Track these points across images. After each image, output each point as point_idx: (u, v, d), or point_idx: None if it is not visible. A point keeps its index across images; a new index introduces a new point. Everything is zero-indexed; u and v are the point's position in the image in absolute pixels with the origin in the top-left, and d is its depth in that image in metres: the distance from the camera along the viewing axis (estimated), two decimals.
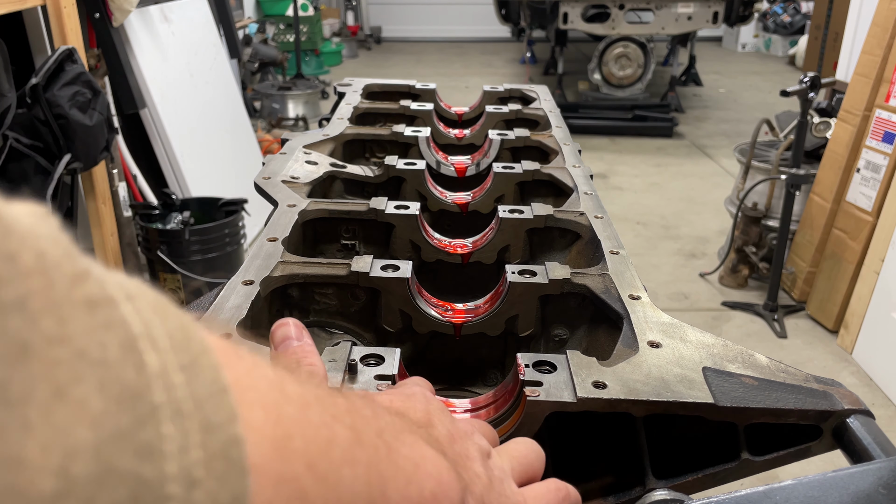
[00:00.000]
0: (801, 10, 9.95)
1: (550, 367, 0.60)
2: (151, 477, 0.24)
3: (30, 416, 0.21)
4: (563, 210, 0.93)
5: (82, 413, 0.22)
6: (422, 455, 0.43)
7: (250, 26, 7.15)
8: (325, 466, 0.33)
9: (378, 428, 0.41)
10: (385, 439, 0.40)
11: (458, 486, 0.44)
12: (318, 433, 0.34)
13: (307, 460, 0.32)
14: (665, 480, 0.60)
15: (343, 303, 0.80)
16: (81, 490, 0.22)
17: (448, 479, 0.44)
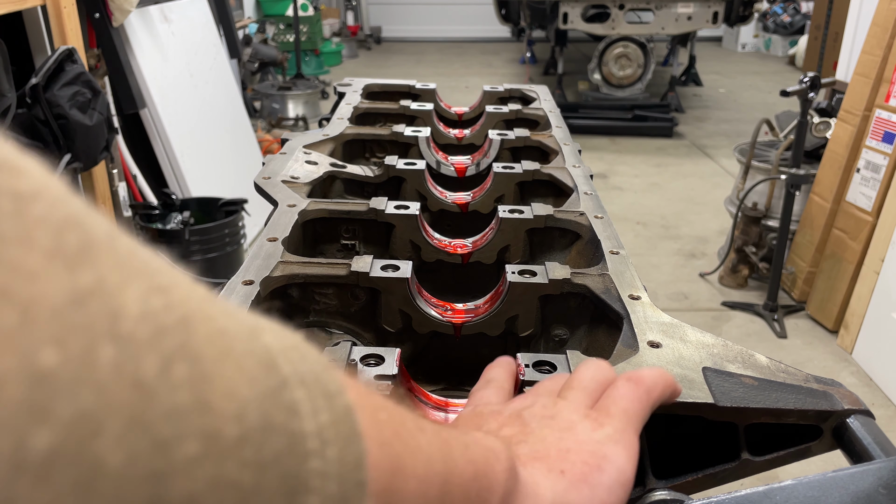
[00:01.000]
0: (801, 10, 9.96)
1: (550, 367, 0.60)
2: (297, 431, 0.28)
3: (210, 370, 0.26)
4: (563, 210, 0.93)
5: (241, 372, 0.27)
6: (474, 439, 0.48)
7: (250, 26, 7.15)
8: (405, 433, 0.40)
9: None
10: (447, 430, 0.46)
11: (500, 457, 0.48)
12: (392, 411, 0.41)
13: (393, 428, 0.39)
14: (665, 480, 0.60)
15: (343, 303, 0.80)
16: (254, 437, 0.26)
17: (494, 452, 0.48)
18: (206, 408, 0.25)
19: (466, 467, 0.45)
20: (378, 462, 0.35)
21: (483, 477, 0.46)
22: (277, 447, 0.27)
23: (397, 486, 0.38)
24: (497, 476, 0.47)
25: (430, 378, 0.85)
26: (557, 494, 0.49)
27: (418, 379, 0.84)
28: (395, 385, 0.59)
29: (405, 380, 0.63)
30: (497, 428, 0.54)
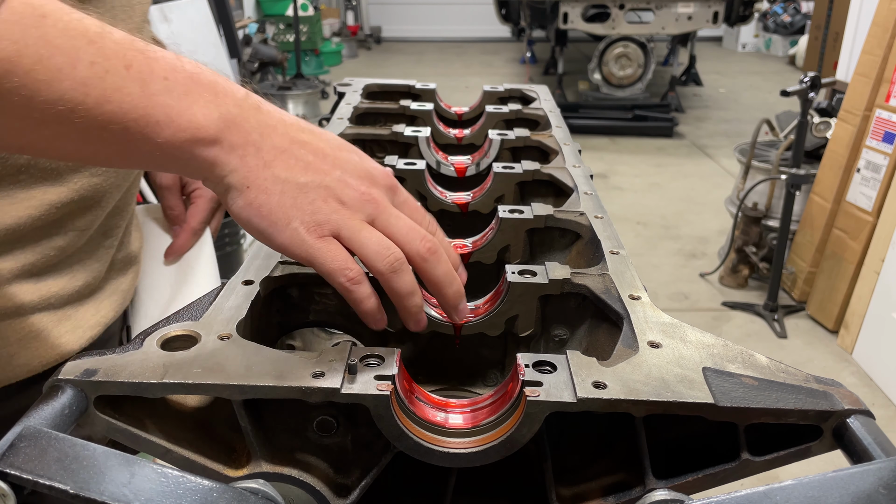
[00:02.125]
0: (801, 10, 9.95)
1: (550, 368, 0.60)
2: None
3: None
4: (563, 210, 0.93)
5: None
6: (180, 99, 0.57)
7: (250, 26, 7.15)
8: (53, 40, 0.51)
9: (146, 66, 0.56)
10: (143, 78, 0.56)
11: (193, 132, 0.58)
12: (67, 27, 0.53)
13: (42, 35, 0.51)
14: (665, 480, 0.60)
15: (343, 303, 0.79)
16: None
17: (191, 124, 0.58)
18: None
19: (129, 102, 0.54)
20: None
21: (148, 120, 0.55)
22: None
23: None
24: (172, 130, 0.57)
25: (431, 378, 0.85)
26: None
27: (418, 379, 0.84)
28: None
29: (405, 380, 0.63)
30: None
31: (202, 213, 1.10)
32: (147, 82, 0.56)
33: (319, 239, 0.62)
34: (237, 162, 0.61)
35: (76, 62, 0.53)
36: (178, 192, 1.12)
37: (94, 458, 0.45)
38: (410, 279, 0.66)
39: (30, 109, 0.52)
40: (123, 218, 0.95)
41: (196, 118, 0.58)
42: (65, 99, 0.52)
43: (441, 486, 0.66)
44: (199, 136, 0.58)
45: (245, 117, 0.61)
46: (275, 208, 0.61)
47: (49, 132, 0.54)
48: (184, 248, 1.09)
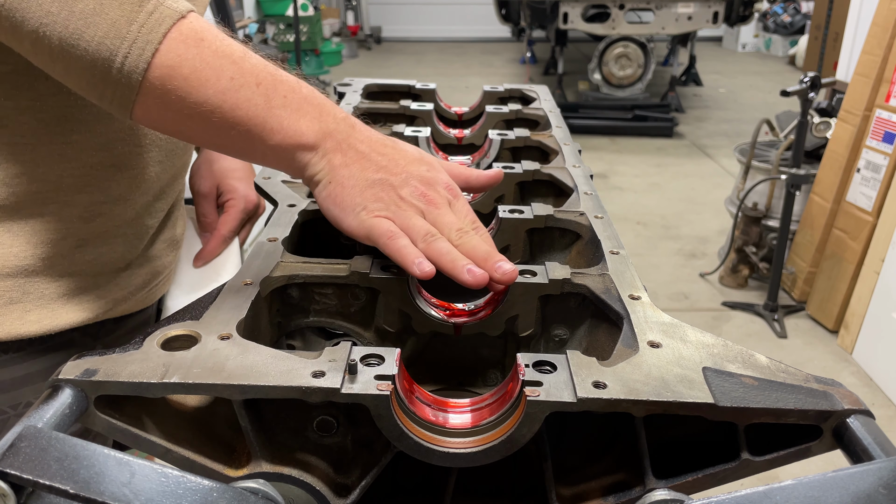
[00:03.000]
0: (801, 10, 9.95)
1: (550, 367, 0.60)
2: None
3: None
4: (563, 210, 0.93)
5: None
6: (291, 114, 0.74)
7: (250, 26, 7.15)
8: (210, 61, 0.69)
9: (273, 86, 0.73)
10: (268, 95, 0.72)
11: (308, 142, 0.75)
12: (223, 49, 0.71)
13: (201, 53, 0.69)
14: (665, 480, 0.60)
15: (343, 303, 0.80)
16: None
17: (295, 134, 0.74)
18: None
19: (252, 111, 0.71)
20: (167, 56, 0.67)
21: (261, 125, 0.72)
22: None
23: (177, 76, 0.68)
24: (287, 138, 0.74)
25: (430, 378, 0.85)
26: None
27: (418, 379, 0.84)
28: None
29: (405, 380, 0.63)
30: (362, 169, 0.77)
31: (233, 223, 1.19)
32: (270, 98, 0.72)
33: (375, 218, 0.74)
34: (325, 163, 0.76)
35: (220, 76, 0.69)
36: (214, 202, 1.21)
37: (94, 458, 0.45)
38: (445, 244, 0.74)
39: (182, 106, 0.69)
40: (166, 202, 1.03)
41: (301, 129, 0.74)
42: (208, 102, 0.69)
43: (441, 486, 0.66)
44: (301, 142, 0.74)
45: (339, 130, 0.77)
46: (346, 198, 0.75)
47: (194, 125, 0.71)
48: (213, 254, 1.17)
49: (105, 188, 0.89)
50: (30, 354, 0.89)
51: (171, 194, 1.03)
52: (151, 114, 0.70)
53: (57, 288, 0.88)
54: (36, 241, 0.85)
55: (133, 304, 0.99)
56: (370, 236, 0.74)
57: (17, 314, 0.86)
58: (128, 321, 1.01)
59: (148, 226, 0.99)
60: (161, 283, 1.05)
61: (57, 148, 0.84)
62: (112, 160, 0.89)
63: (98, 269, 0.92)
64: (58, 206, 0.86)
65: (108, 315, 0.95)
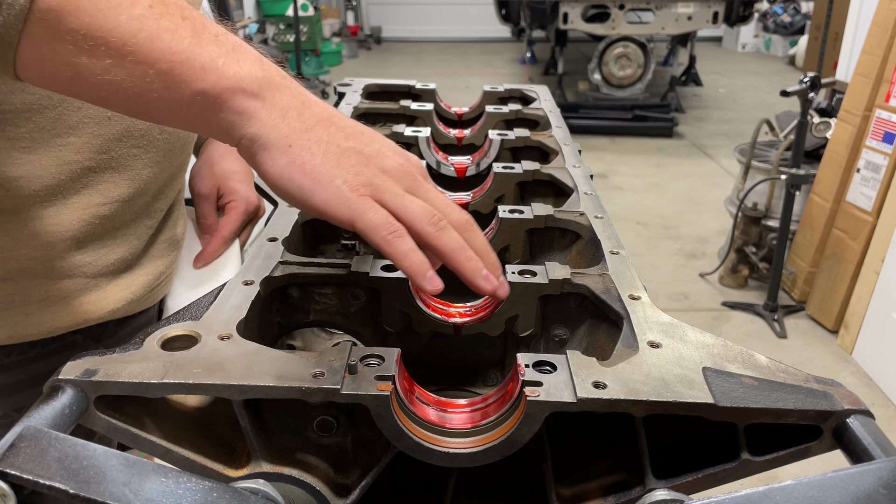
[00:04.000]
0: (801, 10, 9.95)
1: (550, 367, 0.60)
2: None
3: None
4: (563, 210, 0.93)
5: None
6: (229, 52, 0.60)
7: (250, 26, 7.15)
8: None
9: (199, 23, 0.59)
10: (196, 28, 0.59)
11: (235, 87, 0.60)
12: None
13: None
14: (665, 480, 0.60)
15: (343, 303, 0.80)
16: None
17: (236, 75, 0.59)
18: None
19: (169, 46, 0.56)
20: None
21: (188, 66, 0.57)
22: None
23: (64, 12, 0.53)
24: (208, 81, 0.58)
25: (430, 378, 0.85)
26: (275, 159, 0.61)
27: (418, 379, 0.84)
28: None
29: (405, 380, 0.63)
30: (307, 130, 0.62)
31: (234, 224, 1.17)
32: (199, 33, 0.59)
33: (361, 197, 0.62)
34: (278, 120, 0.61)
35: (135, 1, 0.56)
36: (214, 203, 1.20)
37: (94, 458, 0.45)
38: (457, 235, 0.65)
39: (85, 36, 0.55)
40: (165, 201, 1.01)
41: (242, 70, 0.60)
42: (119, 30, 0.55)
43: (441, 486, 0.66)
44: (242, 85, 0.60)
45: (288, 86, 0.63)
46: (318, 166, 0.61)
47: (99, 64, 0.56)
48: (213, 255, 1.15)
49: (103, 190, 0.88)
50: (32, 358, 0.89)
51: (170, 194, 1.03)
52: (42, 52, 0.56)
53: (57, 290, 0.87)
54: (35, 243, 0.84)
55: (135, 305, 0.98)
56: (357, 223, 0.61)
57: (18, 317, 0.85)
58: (130, 322, 1.01)
59: (147, 226, 0.98)
60: (163, 284, 1.05)
61: (54, 151, 0.82)
62: (109, 162, 0.88)
63: (98, 271, 0.91)
64: (56, 208, 0.85)
65: (111, 317, 0.95)
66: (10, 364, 0.88)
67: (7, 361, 0.87)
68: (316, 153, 0.62)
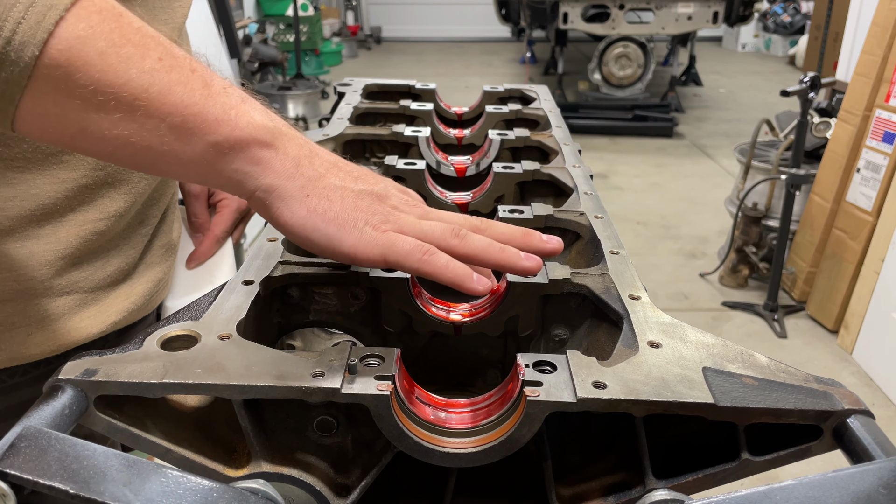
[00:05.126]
0: (801, 10, 9.95)
1: (550, 367, 0.60)
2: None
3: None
4: (563, 210, 0.93)
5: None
6: (238, 104, 0.60)
7: (250, 26, 7.15)
8: (121, 45, 0.55)
9: (207, 77, 0.59)
10: (206, 81, 0.59)
11: (250, 135, 0.60)
12: (126, 34, 0.56)
13: (110, 37, 0.54)
14: (665, 480, 0.60)
15: (343, 303, 0.80)
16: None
17: (249, 126, 0.60)
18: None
19: (182, 100, 0.57)
20: (61, 45, 0.52)
21: (201, 118, 0.57)
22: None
23: (75, 66, 0.52)
24: (226, 130, 0.58)
25: (431, 378, 0.85)
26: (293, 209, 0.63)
27: (418, 379, 0.84)
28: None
29: (405, 380, 0.63)
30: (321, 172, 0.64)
31: (226, 223, 1.15)
32: (209, 85, 0.59)
33: (385, 233, 0.64)
34: (293, 170, 0.62)
35: (145, 55, 0.56)
36: (205, 202, 1.17)
37: (94, 458, 0.45)
38: (480, 237, 0.67)
39: (95, 91, 0.54)
40: (159, 208, 0.99)
41: (254, 120, 0.60)
42: (131, 84, 0.54)
43: (441, 486, 0.66)
44: (256, 136, 0.60)
45: (295, 134, 0.64)
46: (340, 212, 0.63)
47: (108, 119, 0.55)
48: (206, 255, 1.14)
49: (100, 206, 0.86)
50: (36, 378, 0.86)
51: (164, 200, 1.01)
52: (46, 107, 0.54)
53: (56, 308, 0.85)
54: (33, 263, 0.81)
55: (136, 314, 0.96)
56: (389, 256, 0.63)
57: (19, 338, 0.83)
58: (130, 332, 1.00)
59: (142, 234, 0.96)
60: (161, 289, 1.04)
61: (48, 170, 0.80)
62: (105, 178, 0.86)
63: (96, 284, 0.89)
64: (52, 227, 0.82)
65: (113, 328, 0.92)
66: (14, 385, 0.86)
67: (11, 383, 0.86)
68: (334, 200, 0.63)
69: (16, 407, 0.86)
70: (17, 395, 0.87)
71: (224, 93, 0.60)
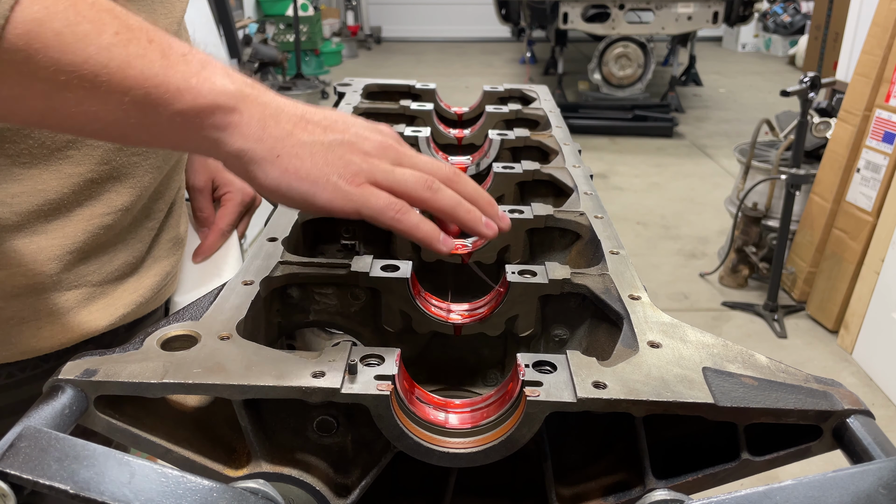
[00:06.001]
0: (801, 10, 9.95)
1: (550, 367, 0.60)
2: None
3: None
4: (563, 210, 0.93)
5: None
6: (198, 71, 0.60)
7: (250, 26, 7.15)
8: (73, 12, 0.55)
9: (165, 43, 0.59)
10: (164, 50, 0.59)
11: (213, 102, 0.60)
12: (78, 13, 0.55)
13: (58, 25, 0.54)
14: (665, 480, 0.60)
15: (343, 303, 0.80)
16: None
17: (211, 92, 0.60)
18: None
19: (142, 66, 0.57)
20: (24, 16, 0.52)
21: (164, 86, 0.58)
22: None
23: (36, 39, 0.53)
24: (188, 96, 0.59)
25: (430, 378, 0.85)
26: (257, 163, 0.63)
27: (418, 379, 0.84)
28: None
29: (405, 380, 0.63)
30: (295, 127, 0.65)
31: (231, 216, 1.16)
32: (167, 55, 0.59)
33: (359, 187, 0.65)
34: (259, 132, 0.63)
35: (102, 30, 0.56)
36: (209, 196, 1.18)
37: (94, 458, 0.45)
38: (451, 192, 0.69)
39: (56, 71, 0.55)
40: (165, 202, 1.00)
41: (216, 86, 0.61)
42: (90, 62, 0.55)
43: (441, 486, 0.66)
44: (219, 101, 0.60)
45: (258, 94, 0.64)
46: (311, 169, 0.64)
47: (72, 97, 0.56)
48: (212, 249, 1.14)
49: (106, 200, 0.87)
50: (46, 373, 0.87)
51: (169, 194, 1.02)
52: (11, 89, 0.56)
53: (65, 302, 0.86)
54: (42, 258, 0.83)
55: (144, 308, 0.97)
56: (363, 211, 0.65)
57: (29, 332, 0.84)
58: (139, 326, 1.00)
59: (149, 228, 0.97)
60: (169, 283, 1.04)
61: (54, 165, 0.81)
62: (111, 172, 0.87)
63: (103, 278, 0.90)
64: (60, 221, 0.83)
65: (122, 321, 0.93)
66: (25, 379, 0.87)
67: (22, 377, 0.87)
68: (304, 157, 0.64)
69: (27, 401, 0.87)
70: (27, 389, 0.87)
71: (183, 60, 0.60)
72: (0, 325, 0.82)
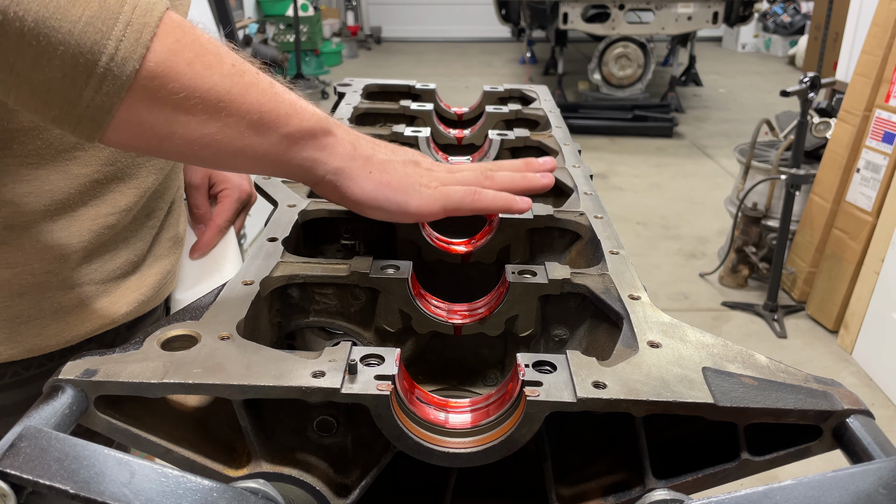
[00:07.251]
0: (801, 10, 9.95)
1: (550, 367, 0.60)
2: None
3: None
4: (563, 210, 0.93)
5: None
6: (298, 100, 0.70)
7: (250, 26, 7.15)
8: (202, 55, 0.62)
9: (268, 81, 0.67)
10: (270, 81, 0.68)
11: (319, 125, 0.71)
12: (206, 48, 0.63)
13: (189, 49, 0.61)
14: (665, 480, 0.60)
15: (343, 303, 0.80)
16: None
17: (314, 117, 0.70)
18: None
19: (257, 100, 0.65)
20: (158, 57, 0.58)
21: (273, 113, 0.66)
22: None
23: (169, 77, 0.59)
24: (292, 121, 0.67)
25: (430, 378, 0.85)
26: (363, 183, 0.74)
27: (418, 379, 0.84)
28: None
29: (405, 380, 0.63)
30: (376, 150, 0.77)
31: (228, 212, 1.17)
32: (273, 84, 0.68)
33: (437, 189, 0.76)
34: (352, 151, 0.73)
35: (222, 61, 0.63)
36: (206, 192, 1.19)
37: (94, 458, 0.45)
38: (505, 172, 0.83)
39: (186, 97, 0.60)
40: (165, 201, 1.01)
41: (315, 113, 0.70)
42: (216, 89, 0.62)
43: (441, 486, 0.66)
44: (320, 125, 0.70)
45: (340, 122, 0.75)
46: (400, 181, 0.74)
47: (195, 121, 0.62)
48: (210, 245, 1.16)
49: (111, 200, 0.88)
50: (50, 371, 0.88)
51: (170, 193, 1.02)
52: (140, 115, 0.60)
53: (69, 301, 0.88)
54: (47, 257, 0.84)
55: (145, 306, 0.98)
56: (448, 205, 0.76)
57: (35, 330, 0.85)
58: (139, 324, 1.01)
59: (149, 227, 0.98)
60: (169, 281, 1.05)
61: (61, 165, 0.82)
62: (115, 173, 0.88)
63: (106, 277, 0.91)
64: (66, 221, 0.84)
65: (124, 319, 0.95)
66: (30, 377, 0.88)
67: (27, 375, 0.88)
68: (391, 172, 0.74)
69: (32, 399, 0.88)
70: (32, 387, 0.88)
71: (285, 91, 0.69)
72: (5, 323, 0.83)
